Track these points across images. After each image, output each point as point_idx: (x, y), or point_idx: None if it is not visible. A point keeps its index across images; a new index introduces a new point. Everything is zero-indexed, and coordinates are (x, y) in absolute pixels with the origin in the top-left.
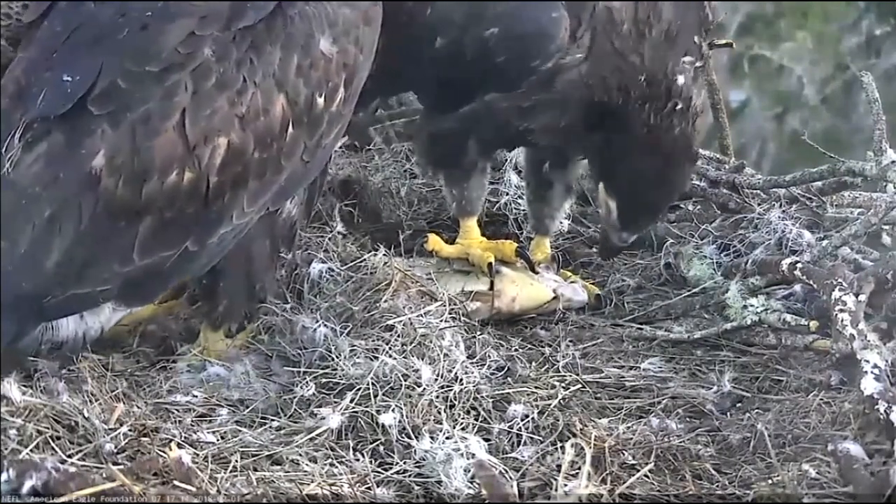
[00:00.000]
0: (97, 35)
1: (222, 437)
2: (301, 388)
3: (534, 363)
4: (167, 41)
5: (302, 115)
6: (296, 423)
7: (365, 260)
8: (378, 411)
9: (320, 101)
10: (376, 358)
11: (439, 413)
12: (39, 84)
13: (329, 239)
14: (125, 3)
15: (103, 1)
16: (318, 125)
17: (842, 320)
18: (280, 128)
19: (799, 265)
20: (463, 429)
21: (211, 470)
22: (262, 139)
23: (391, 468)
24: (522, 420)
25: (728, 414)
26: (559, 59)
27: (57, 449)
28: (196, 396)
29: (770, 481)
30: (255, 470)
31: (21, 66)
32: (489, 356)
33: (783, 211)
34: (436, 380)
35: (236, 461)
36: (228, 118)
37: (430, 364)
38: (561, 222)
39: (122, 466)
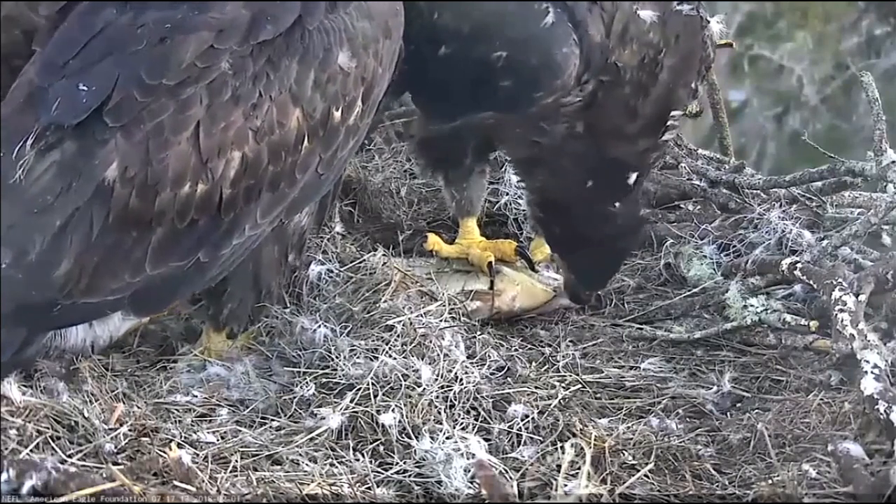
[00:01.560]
0: (115, 45)
1: (222, 437)
2: (301, 388)
3: (534, 363)
4: (184, 54)
5: (318, 128)
6: (296, 423)
7: (364, 260)
8: (378, 411)
9: (337, 114)
10: (376, 358)
11: (439, 413)
12: (54, 91)
13: (328, 239)
14: (143, 13)
15: (123, 3)
16: (335, 138)
17: (842, 320)
18: (295, 141)
19: (799, 265)
20: (463, 429)
21: (211, 470)
22: (277, 152)
23: (391, 468)
24: (522, 420)
25: (728, 414)
26: (560, 97)
27: (57, 449)
28: (196, 396)
29: (770, 481)
30: (255, 470)
31: (35, 68)
32: (489, 356)
33: (783, 211)
34: (436, 380)
35: (236, 461)
36: (243, 131)
37: (430, 364)
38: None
39: (122, 466)
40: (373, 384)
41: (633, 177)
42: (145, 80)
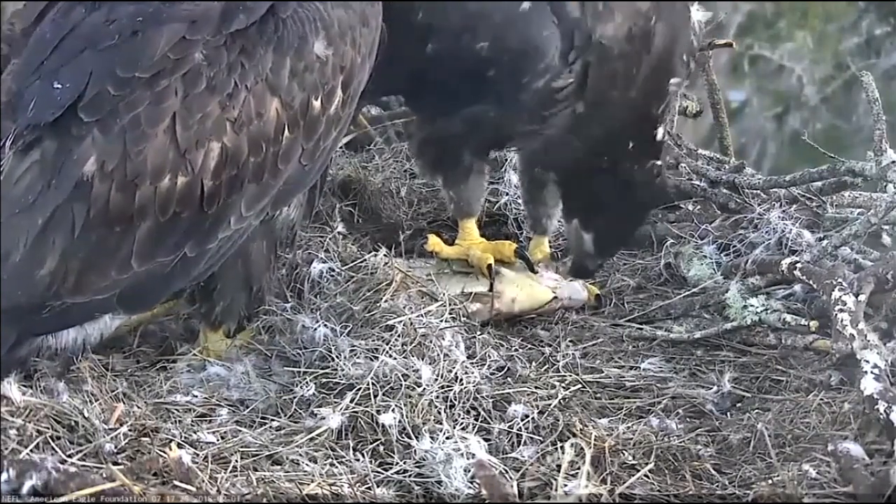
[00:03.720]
0: (87, 41)
1: (222, 437)
2: (301, 388)
3: (534, 363)
4: (157, 46)
5: (297, 118)
6: (296, 423)
7: (365, 260)
8: (378, 411)
9: (316, 104)
10: (376, 358)
11: (439, 413)
12: (30, 92)
13: (329, 239)
14: (115, 9)
15: (93, 2)
16: (316, 128)
17: (842, 320)
18: (275, 131)
19: (799, 265)
20: (463, 429)
21: (211, 470)
22: (257, 143)
23: (391, 468)
24: (522, 420)
25: (728, 414)
26: (550, 80)
27: (57, 449)
28: (196, 396)
29: (770, 481)
30: (255, 470)
31: (12, 75)
32: (489, 356)
33: (783, 211)
34: (436, 380)
35: (236, 461)
36: (220, 122)
37: (430, 364)
38: (559, 221)
39: (122, 466)
40: (373, 384)
41: (660, 132)
42: (119, 74)
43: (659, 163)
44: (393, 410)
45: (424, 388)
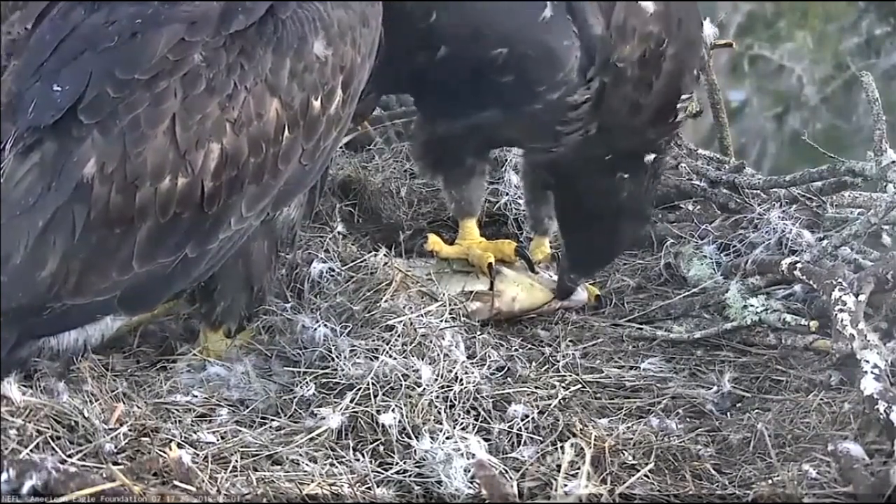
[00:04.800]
0: (86, 44)
1: (222, 437)
2: (301, 388)
3: (534, 363)
4: (156, 48)
5: (297, 118)
6: (296, 423)
7: (365, 260)
8: (378, 411)
9: (316, 104)
10: (376, 358)
11: (439, 413)
12: (30, 94)
13: (329, 239)
14: (115, 10)
15: (93, 3)
16: (316, 128)
17: (842, 320)
18: (275, 132)
19: (799, 265)
20: (463, 429)
21: (211, 470)
22: (257, 144)
23: (391, 468)
24: (522, 420)
25: (728, 414)
26: (566, 93)
27: (57, 449)
28: (196, 396)
29: (770, 481)
30: (255, 470)
31: (12, 77)
32: (489, 356)
33: (783, 211)
34: (436, 380)
35: (236, 461)
36: (220, 123)
37: (430, 364)
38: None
39: (122, 466)
40: (373, 384)
41: (651, 157)
42: (118, 76)
43: (626, 177)
44: (393, 410)
45: (424, 388)
